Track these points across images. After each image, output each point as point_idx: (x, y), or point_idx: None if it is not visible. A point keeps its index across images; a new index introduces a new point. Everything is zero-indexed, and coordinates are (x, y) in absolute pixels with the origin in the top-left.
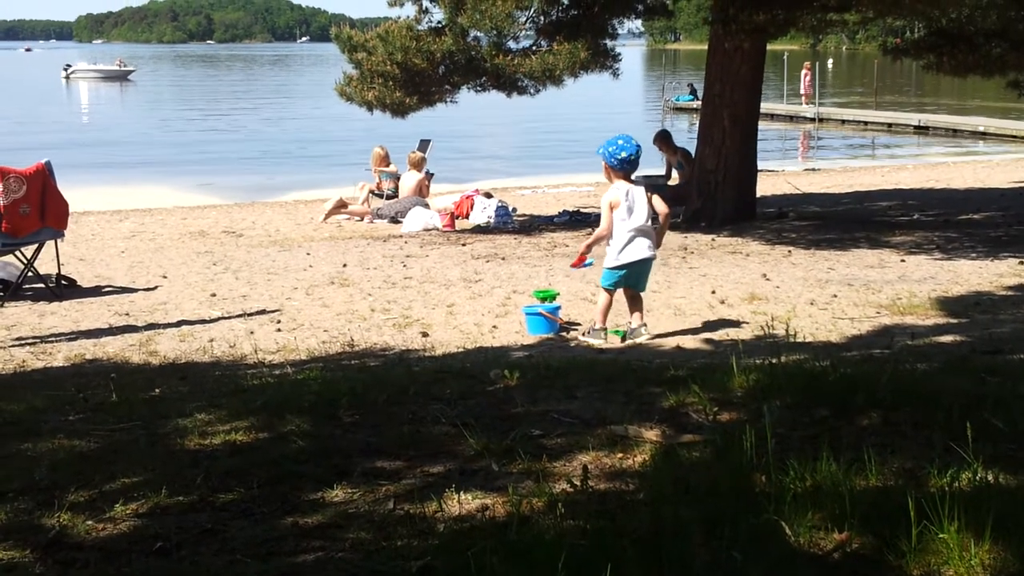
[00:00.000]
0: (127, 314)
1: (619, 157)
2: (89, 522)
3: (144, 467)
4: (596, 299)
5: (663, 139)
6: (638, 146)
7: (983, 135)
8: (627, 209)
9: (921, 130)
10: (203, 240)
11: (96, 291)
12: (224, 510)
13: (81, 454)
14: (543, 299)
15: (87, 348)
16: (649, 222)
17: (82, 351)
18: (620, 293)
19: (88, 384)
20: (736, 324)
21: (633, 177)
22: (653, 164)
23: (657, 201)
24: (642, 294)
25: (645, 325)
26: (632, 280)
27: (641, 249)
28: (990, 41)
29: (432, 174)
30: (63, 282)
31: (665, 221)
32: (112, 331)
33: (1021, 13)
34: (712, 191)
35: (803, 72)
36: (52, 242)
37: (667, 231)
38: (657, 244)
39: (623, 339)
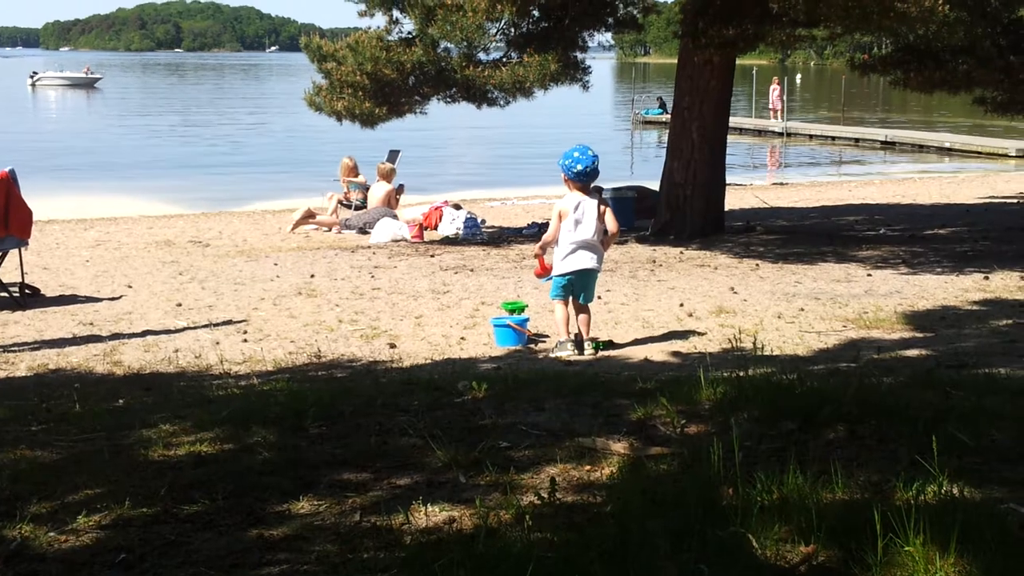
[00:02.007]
0: (91, 324)
1: (575, 170)
2: (51, 534)
3: (107, 478)
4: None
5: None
6: (595, 157)
7: (949, 151)
8: (574, 221)
9: (888, 145)
10: (169, 249)
11: (60, 300)
12: (188, 522)
13: (43, 465)
14: (511, 311)
15: (50, 358)
16: (596, 237)
17: (45, 361)
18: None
19: (51, 394)
20: (704, 337)
21: (604, 192)
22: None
23: (610, 219)
24: (591, 307)
25: (590, 340)
26: (578, 290)
27: (583, 260)
28: (957, 58)
29: (403, 185)
30: (27, 291)
31: (611, 239)
32: (76, 341)
33: (987, 30)
34: (681, 204)
35: (772, 87)
36: (16, 251)
37: (639, 245)
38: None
39: (596, 351)
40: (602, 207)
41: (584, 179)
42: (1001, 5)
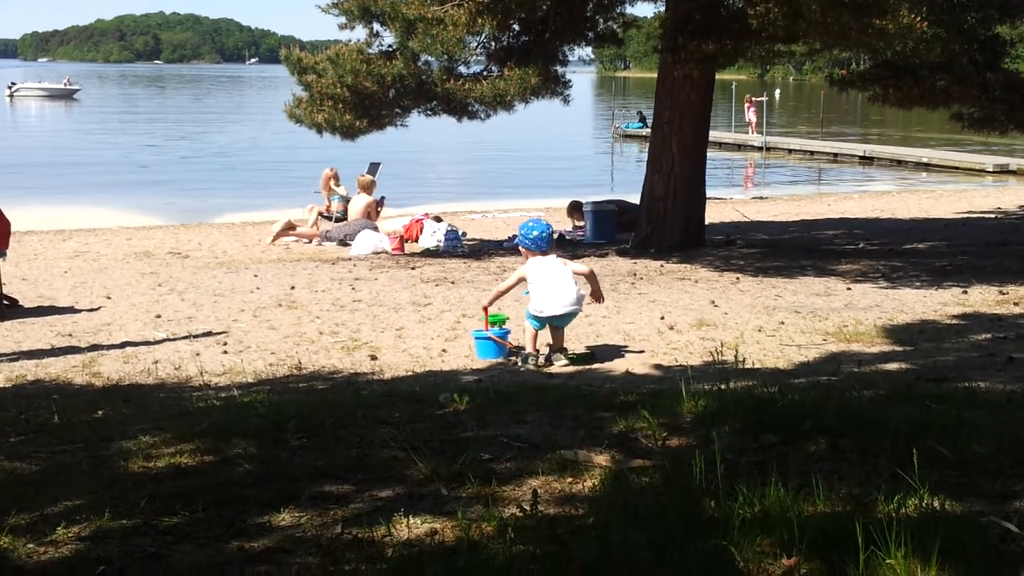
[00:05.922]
0: (70, 335)
1: (531, 237)
2: (30, 545)
3: (86, 490)
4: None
5: (575, 208)
6: (547, 224)
7: (927, 166)
8: (539, 282)
9: (866, 160)
10: (148, 261)
11: (38, 311)
12: (168, 534)
13: (22, 477)
14: (492, 323)
15: (29, 369)
16: (575, 286)
17: (24, 372)
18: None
19: (30, 405)
20: (685, 350)
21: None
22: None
23: (578, 266)
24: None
25: (564, 350)
26: (555, 324)
27: (561, 306)
28: (934, 74)
29: (384, 198)
30: (5, 302)
31: (593, 277)
32: (54, 352)
33: (964, 47)
34: (661, 218)
35: (746, 104)
36: None
37: (619, 258)
38: (597, 296)
39: (570, 362)
40: (563, 261)
41: (542, 244)
42: (978, 22)
